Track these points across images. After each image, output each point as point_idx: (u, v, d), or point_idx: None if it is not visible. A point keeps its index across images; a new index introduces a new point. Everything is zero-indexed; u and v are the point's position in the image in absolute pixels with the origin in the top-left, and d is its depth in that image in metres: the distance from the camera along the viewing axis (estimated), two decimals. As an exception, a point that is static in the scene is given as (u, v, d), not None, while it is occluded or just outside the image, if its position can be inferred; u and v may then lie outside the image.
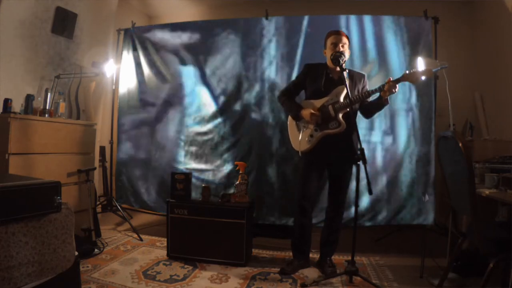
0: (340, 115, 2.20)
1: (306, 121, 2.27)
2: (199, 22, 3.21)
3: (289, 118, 2.41)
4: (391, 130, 2.77)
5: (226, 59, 3.01)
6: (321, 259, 2.36)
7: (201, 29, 3.09)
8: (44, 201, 1.49)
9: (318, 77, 2.27)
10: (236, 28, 2.99)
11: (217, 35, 3.02)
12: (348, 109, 2.16)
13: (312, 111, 2.21)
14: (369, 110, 2.29)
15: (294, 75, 2.80)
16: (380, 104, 2.18)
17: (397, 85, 2.08)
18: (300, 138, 2.29)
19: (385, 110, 2.47)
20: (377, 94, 2.17)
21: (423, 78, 2.09)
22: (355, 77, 2.28)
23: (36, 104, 2.56)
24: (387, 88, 2.07)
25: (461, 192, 1.63)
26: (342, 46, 2.19)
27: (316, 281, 2.11)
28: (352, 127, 2.17)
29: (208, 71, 3.06)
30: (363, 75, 2.33)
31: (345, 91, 2.12)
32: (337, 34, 2.22)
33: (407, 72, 2.09)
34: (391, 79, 2.08)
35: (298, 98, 2.43)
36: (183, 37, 3.14)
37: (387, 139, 2.76)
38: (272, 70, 2.91)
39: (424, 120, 2.71)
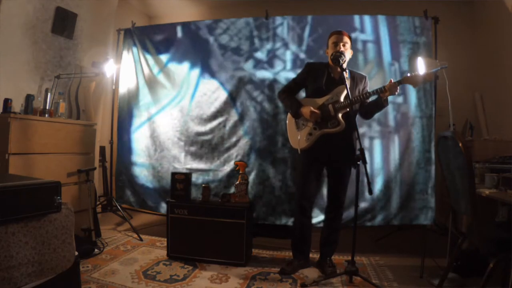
0: (340, 115, 2.20)
1: (305, 119, 2.27)
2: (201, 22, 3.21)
3: (288, 116, 2.40)
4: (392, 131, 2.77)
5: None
6: (321, 259, 2.36)
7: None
8: (44, 201, 1.49)
9: (319, 76, 2.27)
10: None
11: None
12: (348, 109, 2.16)
13: (312, 109, 2.20)
14: (369, 111, 2.29)
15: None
16: (379, 104, 2.18)
17: (397, 87, 2.08)
18: (299, 136, 2.29)
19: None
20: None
21: (423, 71, 2.10)
22: (357, 78, 2.28)
23: (36, 104, 2.56)
24: (388, 88, 2.08)
25: (461, 192, 1.63)
26: (343, 45, 2.19)
27: (316, 281, 2.11)
28: (351, 127, 2.17)
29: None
30: (364, 76, 2.33)
31: (345, 91, 2.12)
32: (339, 33, 2.22)
33: (408, 74, 2.10)
34: (393, 80, 2.09)
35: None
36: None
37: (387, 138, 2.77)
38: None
39: (424, 120, 2.71)
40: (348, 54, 2.22)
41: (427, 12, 2.72)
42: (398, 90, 2.09)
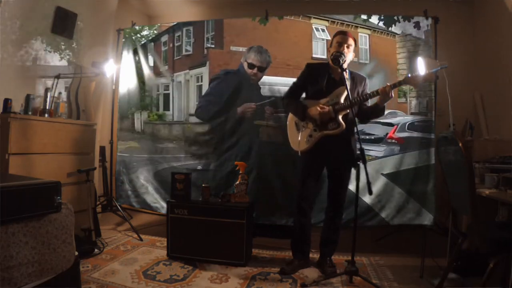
0: (340, 116, 2.20)
1: (311, 118, 2.24)
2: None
3: (289, 118, 2.40)
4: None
5: None
6: (321, 259, 2.36)
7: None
8: (44, 201, 1.49)
9: (320, 77, 2.26)
10: None
11: None
12: (348, 111, 2.16)
13: (319, 107, 2.17)
14: (365, 115, 2.28)
15: None
16: (375, 111, 2.17)
17: (391, 90, 2.06)
18: (299, 138, 2.29)
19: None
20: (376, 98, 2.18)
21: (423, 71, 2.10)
22: (356, 79, 2.27)
23: (36, 104, 2.56)
24: (380, 91, 2.07)
25: (461, 192, 1.63)
26: (347, 47, 2.17)
27: (316, 281, 2.11)
28: (351, 129, 2.17)
29: None
30: (364, 78, 2.33)
31: (345, 93, 2.12)
32: (344, 34, 2.20)
33: (409, 75, 2.09)
34: (389, 84, 2.08)
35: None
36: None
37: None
38: None
39: (424, 120, 2.71)
40: (350, 55, 2.21)
41: (427, 12, 2.72)
42: (391, 95, 2.07)
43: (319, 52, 2.99)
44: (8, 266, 1.32)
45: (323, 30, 3.01)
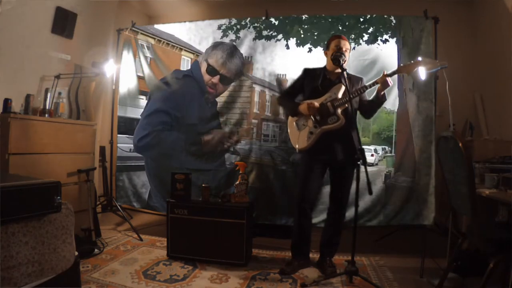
0: (339, 111, 2.20)
1: (305, 118, 2.26)
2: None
3: (289, 118, 2.41)
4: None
5: None
6: (321, 259, 2.35)
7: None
8: (44, 201, 1.49)
9: (316, 78, 2.29)
10: None
11: None
12: (346, 105, 2.16)
13: (309, 102, 2.20)
14: (368, 109, 2.29)
15: None
16: (378, 100, 2.19)
17: (389, 78, 2.10)
18: (299, 136, 2.29)
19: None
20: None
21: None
22: (353, 79, 2.30)
23: (36, 104, 2.56)
24: (379, 81, 2.11)
25: (461, 192, 1.63)
26: (345, 50, 2.22)
27: (316, 281, 2.11)
28: (351, 126, 2.17)
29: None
30: (361, 78, 2.35)
31: (343, 88, 2.14)
32: (341, 38, 2.26)
33: (401, 64, 2.14)
34: (385, 73, 2.11)
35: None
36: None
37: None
38: None
39: (425, 120, 2.71)
40: (347, 58, 2.23)
41: (427, 12, 2.72)
42: (390, 82, 2.12)
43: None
44: (8, 266, 1.32)
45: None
